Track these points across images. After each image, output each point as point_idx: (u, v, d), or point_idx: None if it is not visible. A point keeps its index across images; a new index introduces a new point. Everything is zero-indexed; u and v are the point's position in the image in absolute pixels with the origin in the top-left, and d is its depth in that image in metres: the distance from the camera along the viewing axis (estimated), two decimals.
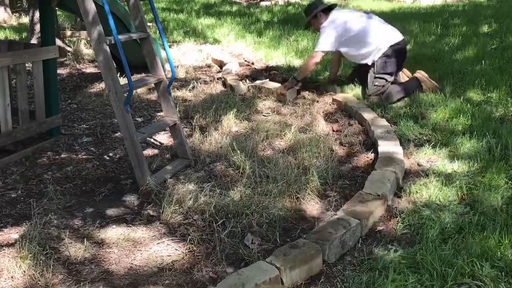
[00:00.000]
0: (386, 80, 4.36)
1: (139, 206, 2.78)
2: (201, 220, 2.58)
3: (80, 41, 7.31)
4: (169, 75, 4.03)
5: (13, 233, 2.50)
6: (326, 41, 4.47)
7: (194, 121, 4.06)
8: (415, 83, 4.51)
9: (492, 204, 2.61)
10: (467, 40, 6.51)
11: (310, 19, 4.65)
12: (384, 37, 4.40)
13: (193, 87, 5.11)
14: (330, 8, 4.59)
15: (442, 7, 10.56)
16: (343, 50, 4.52)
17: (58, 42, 6.63)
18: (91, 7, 2.86)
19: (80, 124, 4.17)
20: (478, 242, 2.24)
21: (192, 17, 10.02)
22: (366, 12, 4.77)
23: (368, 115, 3.92)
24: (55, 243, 2.38)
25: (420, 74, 4.57)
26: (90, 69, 6.28)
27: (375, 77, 4.38)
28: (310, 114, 4.17)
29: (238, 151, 3.26)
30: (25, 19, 10.39)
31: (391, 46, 4.36)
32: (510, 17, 8.06)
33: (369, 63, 4.45)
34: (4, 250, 2.34)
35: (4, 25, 10.08)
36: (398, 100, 4.35)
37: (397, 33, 4.50)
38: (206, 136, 3.69)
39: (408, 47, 6.39)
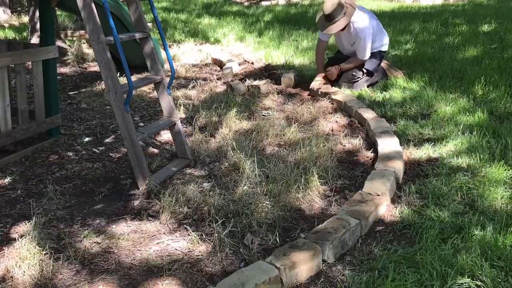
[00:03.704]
0: (363, 74, 4.78)
1: (139, 206, 2.78)
2: (201, 220, 2.58)
3: (80, 40, 7.31)
4: (169, 75, 4.03)
5: (13, 233, 2.50)
6: (369, 49, 4.66)
7: (194, 121, 4.06)
8: (381, 72, 4.97)
9: (492, 204, 2.61)
10: (467, 40, 6.51)
11: (342, 20, 4.49)
12: (383, 42, 4.85)
13: (193, 87, 5.11)
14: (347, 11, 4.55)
15: (442, 7, 10.56)
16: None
17: (58, 42, 6.64)
18: (91, 7, 2.86)
19: (80, 124, 4.17)
20: (477, 242, 2.24)
21: (192, 17, 10.03)
22: (369, 12, 4.88)
23: (368, 115, 3.92)
24: (55, 243, 2.39)
25: (383, 63, 5.02)
26: (90, 69, 6.28)
27: (357, 68, 4.76)
28: (310, 114, 4.17)
29: (238, 151, 3.26)
30: (25, 19, 10.39)
31: (381, 51, 4.86)
32: (510, 17, 8.06)
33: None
34: (4, 250, 2.34)
35: (4, 24, 10.08)
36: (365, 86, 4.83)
37: (388, 42, 4.97)
38: (206, 136, 3.69)
39: (407, 46, 6.42)
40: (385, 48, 4.91)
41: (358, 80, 4.78)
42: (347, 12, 4.48)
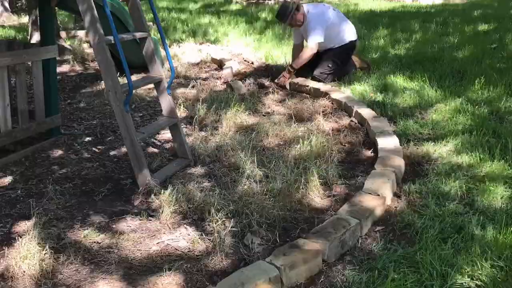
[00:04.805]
0: (337, 65, 5.03)
1: (139, 206, 2.78)
2: (201, 220, 2.58)
3: (80, 40, 7.31)
4: (169, 75, 4.03)
5: (13, 233, 2.50)
6: (318, 33, 4.94)
7: (194, 120, 4.06)
8: (351, 65, 5.27)
9: (492, 204, 2.61)
10: (467, 40, 6.51)
11: (290, 18, 4.93)
12: (349, 31, 5.13)
13: (193, 87, 5.11)
14: (297, 6, 5.01)
15: (441, 6, 10.56)
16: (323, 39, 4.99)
17: (58, 41, 6.64)
18: (91, 7, 2.86)
19: (80, 124, 4.17)
20: (477, 242, 2.24)
21: (192, 16, 10.02)
22: (328, 5, 5.29)
23: (367, 114, 3.92)
24: (55, 243, 2.38)
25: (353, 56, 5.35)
26: (90, 69, 6.27)
27: (332, 60, 5.01)
28: (310, 114, 4.17)
29: (238, 150, 3.26)
30: (25, 19, 10.38)
31: (351, 41, 5.11)
32: (509, 16, 8.06)
33: (329, 48, 5.08)
34: (4, 249, 2.34)
35: (5, 24, 10.07)
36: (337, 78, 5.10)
37: (355, 32, 5.23)
38: (206, 136, 3.69)
39: (407, 46, 6.42)
40: (349, 39, 5.09)
41: (333, 72, 5.01)
42: (290, 11, 4.89)
